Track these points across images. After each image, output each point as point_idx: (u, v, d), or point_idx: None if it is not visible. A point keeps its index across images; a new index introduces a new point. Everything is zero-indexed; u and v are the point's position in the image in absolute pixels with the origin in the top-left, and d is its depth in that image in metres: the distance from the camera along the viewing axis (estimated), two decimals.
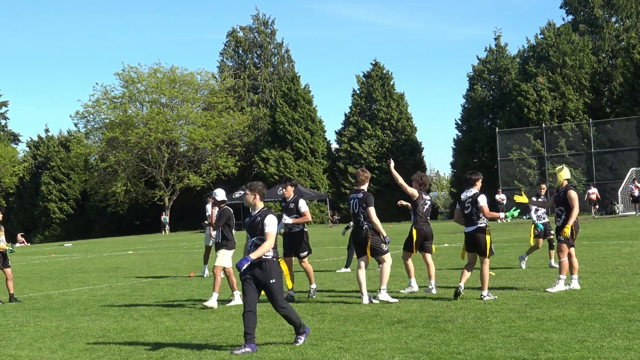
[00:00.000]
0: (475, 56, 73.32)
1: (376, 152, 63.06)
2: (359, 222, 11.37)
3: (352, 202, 11.49)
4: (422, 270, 14.13)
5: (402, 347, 7.88)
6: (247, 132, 70.23)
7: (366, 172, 11.70)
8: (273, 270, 8.28)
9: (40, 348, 9.14)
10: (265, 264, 8.25)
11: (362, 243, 11.33)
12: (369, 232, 11.28)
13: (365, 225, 11.30)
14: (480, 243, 11.11)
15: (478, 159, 59.49)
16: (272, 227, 8.29)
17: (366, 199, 11.33)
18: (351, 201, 11.51)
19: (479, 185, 11.38)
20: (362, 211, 11.30)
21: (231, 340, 8.92)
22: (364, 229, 11.30)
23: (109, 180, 67.91)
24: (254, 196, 8.53)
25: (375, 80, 64.73)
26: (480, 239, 11.10)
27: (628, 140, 50.02)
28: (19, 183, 78.64)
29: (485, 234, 11.10)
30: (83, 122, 71.34)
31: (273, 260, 8.31)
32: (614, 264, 14.89)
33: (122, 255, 29.88)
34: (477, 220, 11.13)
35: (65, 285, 17.46)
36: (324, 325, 9.55)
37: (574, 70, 54.39)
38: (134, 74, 67.55)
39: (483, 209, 11.06)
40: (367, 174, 11.64)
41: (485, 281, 11.11)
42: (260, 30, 74.47)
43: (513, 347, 7.59)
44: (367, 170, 11.94)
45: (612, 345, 7.42)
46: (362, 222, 11.33)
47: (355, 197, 11.45)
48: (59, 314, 12.16)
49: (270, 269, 8.27)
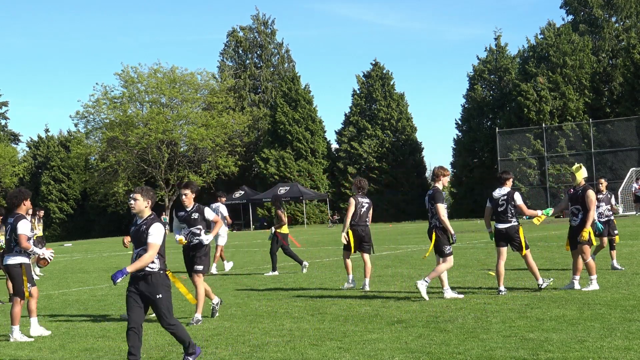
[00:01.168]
0: (475, 56, 73.38)
1: (376, 152, 63.05)
2: (430, 217, 11.51)
3: (425, 199, 11.63)
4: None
5: (402, 347, 7.88)
6: (247, 132, 70.24)
7: (443, 168, 11.76)
8: (160, 284, 7.46)
9: (40, 348, 9.14)
10: (151, 278, 7.42)
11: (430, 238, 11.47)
12: (436, 229, 11.34)
13: (433, 223, 11.36)
14: (515, 239, 11.53)
15: (478, 159, 59.51)
16: (157, 237, 7.45)
17: (434, 196, 11.39)
18: (426, 198, 11.65)
19: (509, 183, 11.71)
20: (431, 208, 11.40)
21: (231, 340, 8.92)
22: (431, 225, 11.41)
23: (109, 180, 67.91)
24: (147, 202, 7.64)
25: (375, 80, 64.74)
26: (515, 236, 11.51)
27: (628, 140, 50.03)
28: (19, 183, 78.57)
29: (519, 230, 11.52)
30: (83, 122, 71.36)
31: (160, 273, 7.48)
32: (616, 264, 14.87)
33: (122, 255, 29.87)
34: (512, 217, 11.50)
35: (65, 285, 17.47)
36: (324, 325, 9.54)
37: (574, 70, 54.40)
38: (134, 74, 67.55)
39: (522, 207, 11.54)
40: (444, 170, 11.68)
41: (535, 270, 11.64)
42: (261, 30, 74.49)
43: (513, 347, 7.59)
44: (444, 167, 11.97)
45: (612, 345, 7.42)
46: (430, 219, 11.45)
47: (427, 194, 11.61)
48: (59, 314, 12.16)
49: (157, 283, 7.45)
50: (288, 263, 20.06)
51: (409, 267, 16.75)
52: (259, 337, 8.89)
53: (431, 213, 11.42)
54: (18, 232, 9.77)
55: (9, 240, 9.95)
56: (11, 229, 9.89)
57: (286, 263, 20.10)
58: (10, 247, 9.91)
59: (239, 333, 9.28)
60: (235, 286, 14.81)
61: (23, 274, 9.85)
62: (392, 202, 61.47)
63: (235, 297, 12.97)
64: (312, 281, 14.86)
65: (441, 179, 11.53)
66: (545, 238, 24.69)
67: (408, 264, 17.43)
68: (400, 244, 25.92)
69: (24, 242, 9.78)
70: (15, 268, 9.90)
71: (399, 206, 61.41)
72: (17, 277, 9.85)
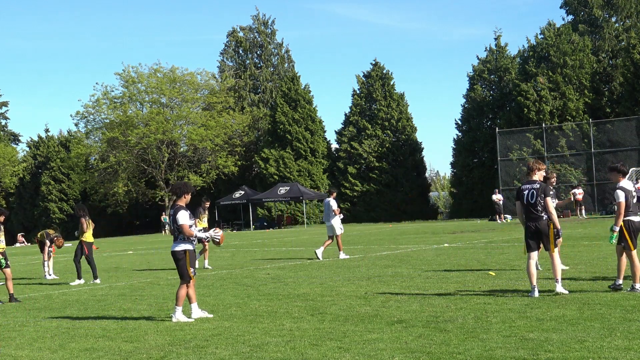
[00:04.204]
0: (475, 56, 73.46)
1: (376, 152, 63.06)
2: (536, 213, 11.14)
3: (526, 193, 11.19)
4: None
5: (402, 347, 7.88)
6: (247, 132, 70.27)
7: (540, 162, 11.57)
8: None
9: (40, 348, 9.14)
10: None
11: (543, 233, 11.13)
12: (549, 222, 11.11)
13: (545, 216, 11.12)
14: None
15: (478, 159, 59.53)
16: None
17: (544, 190, 11.15)
18: (525, 192, 11.21)
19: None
20: (540, 201, 11.10)
21: (231, 340, 8.91)
22: (544, 219, 11.12)
23: (109, 180, 67.94)
24: None
25: (375, 80, 64.76)
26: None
27: (628, 140, 50.05)
28: (19, 183, 78.62)
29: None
30: (83, 122, 71.42)
31: None
32: (614, 264, 14.86)
33: (122, 255, 29.87)
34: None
35: (65, 285, 17.47)
36: (324, 325, 9.54)
37: (574, 70, 54.41)
38: (134, 74, 67.60)
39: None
40: (542, 165, 11.47)
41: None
42: (261, 31, 74.54)
43: (513, 347, 7.59)
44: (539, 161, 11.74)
45: (612, 345, 7.42)
46: (540, 212, 11.12)
47: (530, 188, 11.19)
48: (59, 314, 12.16)
49: None
50: (288, 263, 20.07)
51: (409, 267, 16.75)
52: (259, 337, 8.89)
53: (540, 207, 11.08)
54: (179, 223, 10.60)
55: (172, 230, 10.84)
56: (172, 219, 10.71)
57: (286, 263, 20.11)
58: (175, 236, 10.78)
59: (239, 333, 9.28)
60: (235, 286, 14.81)
61: (187, 259, 10.67)
62: (392, 202, 61.49)
63: (235, 297, 12.97)
64: (312, 281, 14.87)
65: (536, 172, 11.33)
66: None
67: (408, 264, 17.43)
68: (400, 244, 25.92)
69: (186, 230, 10.60)
70: (180, 254, 10.71)
71: (399, 206, 61.42)
72: (181, 261, 10.68)
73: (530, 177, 11.37)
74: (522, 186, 11.34)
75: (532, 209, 11.11)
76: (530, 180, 11.33)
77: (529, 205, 11.13)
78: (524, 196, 11.18)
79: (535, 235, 11.14)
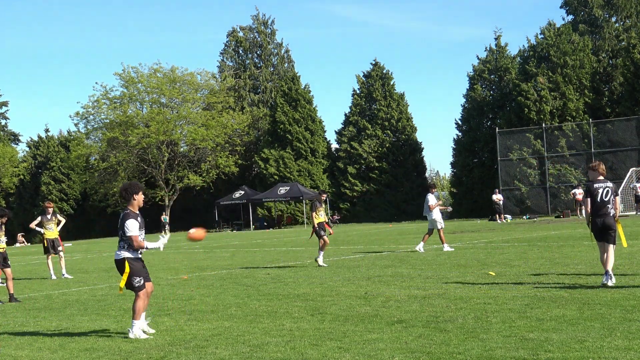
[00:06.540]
0: (475, 56, 73.45)
1: (376, 152, 63.06)
2: (607, 210, 12.00)
3: (601, 191, 12.09)
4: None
5: (402, 347, 7.88)
6: (247, 131, 70.27)
7: (602, 164, 12.51)
8: None
9: (40, 348, 9.14)
10: None
11: (610, 228, 11.95)
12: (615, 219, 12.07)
13: (612, 212, 12.02)
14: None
15: (478, 159, 59.52)
16: None
17: (616, 189, 12.29)
18: (600, 190, 12.08)
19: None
20: (612, 199, 12.08)
21: (231, 340, 8.91)
22: (612, 215, 12.01)
23: (109, 181, 67.95)
24: None
25: (375, 80, 64.76)
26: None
27: (628, 140, 50.05)
28: (19, 183, 78.60)
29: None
30: (83, 122, 71.44)
31: None
32: (614, 264, 14.86)
33: None
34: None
35: (65, 285, 17.47)
36: (324, 325, 9.54)
37: (574, 70, 54.40)
38: (134, 74, 67.60)
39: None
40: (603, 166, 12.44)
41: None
42: (260, 31, 74.56)
43: (513, 347, 7.59)
44: None
45: (612, 345, 7.41)
46: (610, 209, 12.02)
47: (605, 187, 12.09)
48: (59, 314, 12.15)
49: None
50: (288, 263, 20.07)
51: (409, 267, 16.75)
52: (259, 337, 8.88)
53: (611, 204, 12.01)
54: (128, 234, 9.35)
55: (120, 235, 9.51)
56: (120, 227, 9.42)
57: (286, 263, 20.10)
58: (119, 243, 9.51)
59: (239, 333, 9.27)
60: (235, 286, 14.80)
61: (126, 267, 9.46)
62: (392, 202, 61.48)
63: (235, 297, 12.96)
64: (312, 281, 14.86)
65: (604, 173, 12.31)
66: (544, 238, 24.69)
67: (408, 264, 17.43)
68: (400, 244, 25.91)
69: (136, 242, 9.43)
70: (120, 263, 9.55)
71: (399, 206, 61.41)
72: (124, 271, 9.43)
73: (597, 176, 12.26)
74: (594, 184, 12.14)
75: (605, 206, 12.02)
76: (599, 179, 12.20)
77: (602, 202, 12.04)
78: (598, 194, 12.06)
79: (602, 230, 12.01)
